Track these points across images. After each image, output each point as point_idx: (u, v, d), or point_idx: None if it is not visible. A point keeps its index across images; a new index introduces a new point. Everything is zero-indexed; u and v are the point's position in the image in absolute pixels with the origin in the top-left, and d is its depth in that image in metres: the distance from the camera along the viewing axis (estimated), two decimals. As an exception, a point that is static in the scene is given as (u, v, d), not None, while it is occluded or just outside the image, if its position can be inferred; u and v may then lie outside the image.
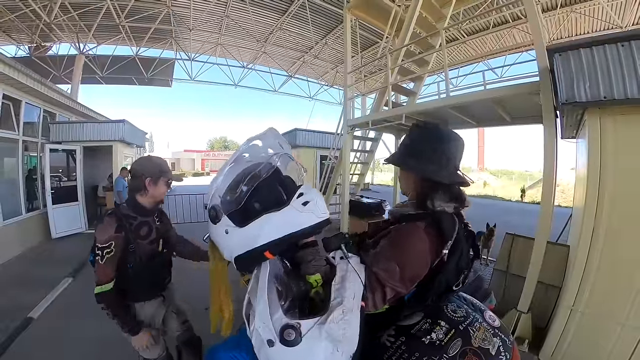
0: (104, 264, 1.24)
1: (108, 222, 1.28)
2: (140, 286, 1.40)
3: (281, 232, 0.73)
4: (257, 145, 0.86)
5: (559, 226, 3.75)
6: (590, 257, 1.93)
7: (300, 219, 0.74)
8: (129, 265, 1.34)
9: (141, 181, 1.35)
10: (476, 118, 3.67)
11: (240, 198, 0.77)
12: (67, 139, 5.88)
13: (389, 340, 0.85)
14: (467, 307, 0.90)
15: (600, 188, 1.89)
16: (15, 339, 2.43)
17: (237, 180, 0.79)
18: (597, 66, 1.78)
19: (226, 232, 0.78)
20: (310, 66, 12.80)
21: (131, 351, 1.52)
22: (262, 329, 0.65)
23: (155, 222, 1.48)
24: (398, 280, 0.77)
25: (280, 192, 0.82)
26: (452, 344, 0.78)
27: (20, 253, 4.57)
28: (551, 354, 2.10)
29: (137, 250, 1.34)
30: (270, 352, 0.64)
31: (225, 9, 8.60)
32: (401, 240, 0.83)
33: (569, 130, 2.86)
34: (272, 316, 0.66)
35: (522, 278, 2.53)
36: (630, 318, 1.81)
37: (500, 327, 0.87)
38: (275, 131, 0.90)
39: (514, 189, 16.40)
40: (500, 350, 0.80)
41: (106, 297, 1.26)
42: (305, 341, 0.63)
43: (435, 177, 0.86)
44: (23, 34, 8.64)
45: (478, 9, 6.93)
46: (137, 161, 1.47)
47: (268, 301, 0.68)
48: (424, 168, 0.88)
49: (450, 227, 0.82)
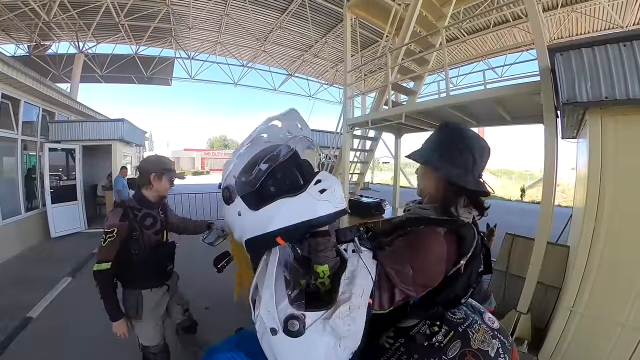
0: (106, 246, 1.40)
1: (114, 212, 1.46)
2: (146, 273, 1.52)
3: (296, 219, 0.69)
4: (276, 126, 0.81)
5: (559, 226, 3.74)
6: (591, 258, 1.92)
7: (317, 206, 0.70)
8: (133, 252, 1.47)
9: (147, 176, 1.51)
10: (476, 117, 3.66)
11: (255, 180, 0.74)
12: (66, 138, 5.87)
13: (387, 342, 0.85)
14: (466, 309, 0.90)
15: (601, 189, 1.88)
16: (14, 338, 2.43)
17: (254, 162, 0.76)
18: (599, 66, 1.76)
19: (239, 214, 0.75)
20: (310, 65, 12.77)
21: (135, 346, 1.61)
22: (267, 317, 0.65)
23: (160, 215, 1.62)
24: (410, 283, 0.73)
25: (297, 177, 0.79)
26: (451, 345, 0.78)
27: (20, 252, 4.57)
28: (550, 355, 2.10)
29: (141, 238, 1.49)
30: (273, 340, 0.64)
31: (225, 8, 8.57)
32: (420, 243, 0.78)
33: (570, 131, 2.84)
34: (277, 305, 0.64)
35: (521, 278, 2.52)
36: (630, 319, 1.80)
37: (500, 328, 0.87)
38: (296, 112, 0.85)
39: (514, 189, 16.39)
40: (499, 352, 0.80)
41: (102, 276, 1.40)
42: (308, 333, 0.62)
43: (461, 181, 0.80)
44: (22, 33, 8.62)
45: (478, 8, 6.90)
46: (144, 159, 1.63)
47: (275, 289, 0.66)
48: (451, 170, 0.82)
49: (471, 238, 0.78)
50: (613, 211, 1.85)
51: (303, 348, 0.63)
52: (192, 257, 3.12)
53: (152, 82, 12.16)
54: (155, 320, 1.59)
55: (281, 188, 0.74)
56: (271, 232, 0.70)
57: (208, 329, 2.63)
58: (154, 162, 1.56)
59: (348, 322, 0.63)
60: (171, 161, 1.67)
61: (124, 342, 2.32)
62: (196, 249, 2.79)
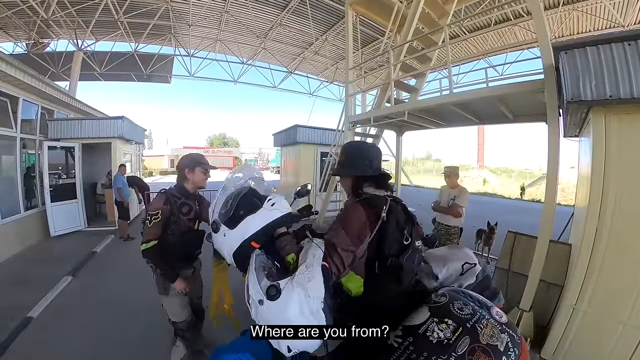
0: (152, 226, 1.67)
1: (159, 198, 1.75)
2: (177, 253, 1.80)
3: (259, 225, 1.04)
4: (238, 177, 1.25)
5: (559, 224, 3.75)
6: (594, 256, 1.92)
7: (271, 214, 1.07)
8: (169, 232, 1.74)
9: (183, 172, 1.80)
10: (478, 115, 3.66)
11: (229, 210, 1.08)
12: (65, 136, 5.83)
13: (396, 341, 0.86)
14: (473, 304, 0.90)
15: (604, 187, 1.88)
16: (15, 338, 2.42)
17: (227, 200, 1.12)
18: (603, 65, 1.76)
19: (224, 235, 1.08)
20: (310, 62, 12.72)
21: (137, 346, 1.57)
22: (254, 294, 0.91)
23: (195, 205, 1.88)
24: (348, 240, 1.01)
25: (256, 202, 1.12)
26: (460, 342, 0.78)
27: (19, 252, 4.55)
28: (553, 352, 2.11)
29: (177, 222, 1.76)
30: (261, 310, 0.89)
31: (224, 5, 8.52)
32: (344, 213, 1.13)
33: (572, 129, 2.84)
34: (259, 283, 0.92)
35: (523, 276, 2.53)
36: (632, 317, 1.81)
37: (508, 322, 0.87)
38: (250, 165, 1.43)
39: (514, 187, 16.44)
40: (508, 346, 0.79)
41: (150, 252, 1.67)
42: (283, 293, 0.86)
43: (360, 173, 1.20)
44: (20, 31, 8.54)
45: (480, 6, 6.87)
46: (180, 159, 1.88)
47: (256, 274, 0.95)
48: (352, 171, 1.23)
49: (379, 201, 1.09)
50: (616, 210, 1.85)
51: (282, 306, 0.85)
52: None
53: (152, 79, 12.07)
54: (181, 298, 1.82)
55: (247, 210, 1.07)
56: (246, 239, 1.03)
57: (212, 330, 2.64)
58: (187, 159, 1.83)
59: (307, 276, 0.87)
60: (201, 155, 1.91)
61: (126, 342, 2.34)
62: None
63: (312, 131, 7.82)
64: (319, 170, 7.75)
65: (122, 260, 4.37)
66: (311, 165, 7.85)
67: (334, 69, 13.00)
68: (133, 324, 2.59)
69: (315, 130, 7.87)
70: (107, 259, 4.53)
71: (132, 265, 3.94)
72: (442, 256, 1.37)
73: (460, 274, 1.26)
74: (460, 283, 1.23)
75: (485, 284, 1.27)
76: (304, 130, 7.72)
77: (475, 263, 1.29)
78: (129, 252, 4.78)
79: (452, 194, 3.34)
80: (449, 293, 0.95)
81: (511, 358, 0.77)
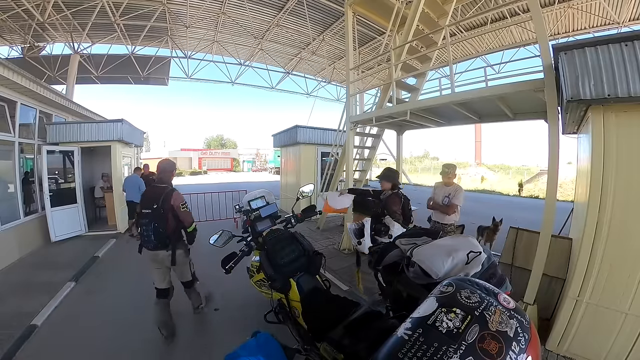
0: (189, 212, 2.55)
1: (179, 193, 2.52)
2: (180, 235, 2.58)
3: None
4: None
5: (558, 220, 3.82)
6: (595, 249, 1.98)
7: None
8: None
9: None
10: (478, 114, 3.71)
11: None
12: (64, 139, 5.78)
13: (406, 334, 0.84)
14: (480, 292, 0.90)
15: (604, 182, 1.94)
16: (20, 347, 2.37)
17: None
18: (602, 65, 1.81)
19: None
20: (308, 62, 12.71)
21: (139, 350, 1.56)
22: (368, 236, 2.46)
23: None
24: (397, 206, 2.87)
25: None
26: (469, 330, 0.78)
27: (20, 258, 4.51)
28: (557, 343, 2.17)
29: None
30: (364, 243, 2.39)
31: (221, 6, 8.49)
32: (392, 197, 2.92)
33: (571, 126, 2.90)
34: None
35: (526, 270, 2.58)
36: (634, 307, 1.87)
37: (516, 308, 0.87)
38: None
39: (512, 184, 16.58)
40: (518, 331, 0.79)
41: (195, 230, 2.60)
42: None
43: (397, 182, 3.03)
44: (16, 35, 8.43)
45: (477, 4, 6.93)
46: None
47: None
48: (394, 181, 3.00)
49: (401, 193, 2.98)
50: (615, 203, 1.91)
51: None
52: (199, 259, 3.12)
53: (149, 82, 11.99)
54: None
55: None
56: None
57: (219, 330, 2.65)
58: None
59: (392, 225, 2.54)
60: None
61: (130, 349, 2.36)
62: (203, 249, 2.81)
63: (312, 131, 7.84)
64: (320, 170, 7.78)
65: (125, 265, 4.33)
66: (312, 165, 7.88)
67: (332, 69, 13.00)
68: (137, 330, 2.58)
69: (316, 131, 7.88)
70: (109, 263, 4.50)
71: (136, 269, 3.93)
72: (447, 246, 1.38)
73: (466, 263, 1.27)
74: (466, 272, 1.23)
75: (492, 271, 1.28)
76: (304, 131, 7.73)
77: (481, 251, 1.31)
78: (131, 255, 4.75)
79: (447, 192, 3.32)
80: (455, 282, 0.95)
81: (521, 343, 0.77)
